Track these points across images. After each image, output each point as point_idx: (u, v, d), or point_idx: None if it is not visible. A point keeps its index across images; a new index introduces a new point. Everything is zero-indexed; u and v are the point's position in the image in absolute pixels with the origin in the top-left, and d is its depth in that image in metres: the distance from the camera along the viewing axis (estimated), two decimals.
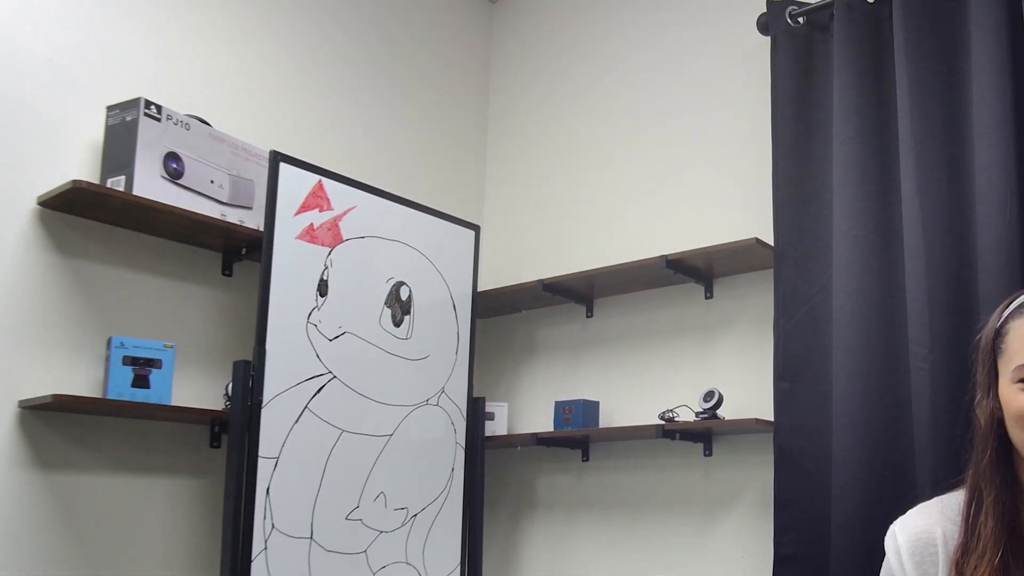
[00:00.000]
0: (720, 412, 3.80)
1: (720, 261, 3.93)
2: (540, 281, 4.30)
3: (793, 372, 3.55)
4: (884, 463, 3.24)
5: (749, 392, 3.87)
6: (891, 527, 2.15)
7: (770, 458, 3.57)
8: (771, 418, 3.59)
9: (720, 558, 3.91)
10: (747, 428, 3.74)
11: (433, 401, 4.01)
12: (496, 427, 4.45)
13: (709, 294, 4.11)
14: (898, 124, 3.36)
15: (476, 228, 4.34)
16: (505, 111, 5.23)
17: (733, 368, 3.99)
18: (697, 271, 4.04)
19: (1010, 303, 2.08)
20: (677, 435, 3.89)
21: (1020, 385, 1.93)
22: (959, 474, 2.16)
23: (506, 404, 4.55)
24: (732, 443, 3.97)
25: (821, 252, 3.57)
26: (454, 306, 4.17)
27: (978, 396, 2.08)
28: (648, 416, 4.08)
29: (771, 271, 3.69)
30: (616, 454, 4.33)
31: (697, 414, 3.83)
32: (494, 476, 4.65)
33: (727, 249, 3.78)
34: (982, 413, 2.04)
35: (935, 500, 2.17)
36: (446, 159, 4.97)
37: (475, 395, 4.24)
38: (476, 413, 4.22)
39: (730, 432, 3.92)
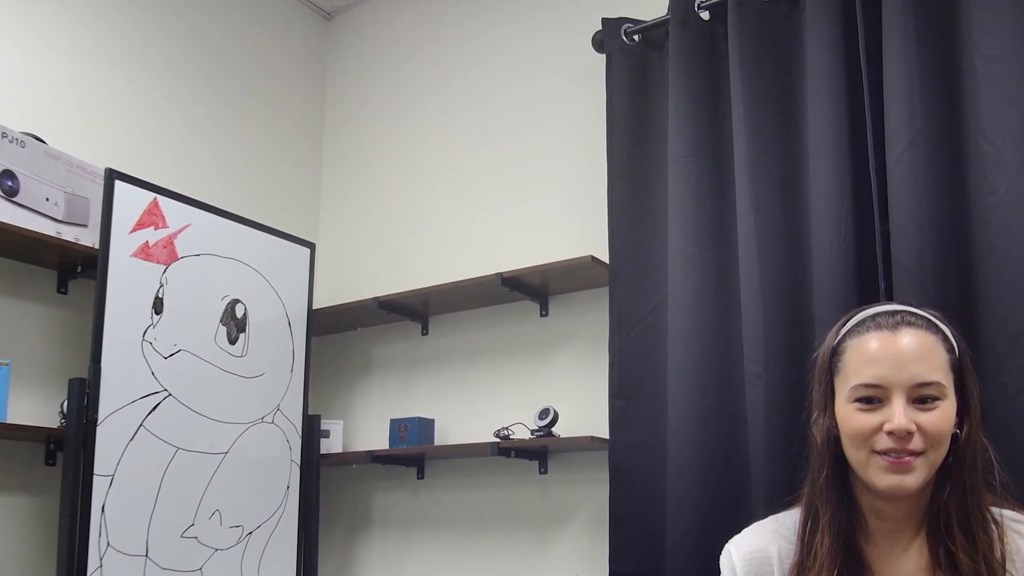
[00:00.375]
0: (555, 430, 3.80)
1: (555, 279, 3.96)
2: (376, 299, 4.31)
3: (628, 390, 3.56)
4: (720, 480, 3.25)
5: (585, 410, 3.89)
6: (726, 545, 2.16)
7: (606, 476, 3.57)
8: (607, 435, 3.59)
9: None
10: (582, 446, 3.74)
11: (268, 419, 4.00)
12: (331, 445, 4.44)
13: (545, 312, 4.14)
14: (733, 142, 3.38)
15: (311, 246, 4.34)
16: (340, 128, 5.21)
17: (569, 386, 4.01)
18: (532, 289, 4.06)
19: (847, 321, 2.09)
20: (512, 453, 3.89)
21: (857, 405, 1.94)
22: (795, 491, 2.17)
23: (341, 422, 4.55)
24: (567, 461, 3.99)
25: (656, 270, 3.58)
26: (289, 324, 4.18)
27: (814, 414, 2.09)
28: (483, 434, 4.12)
29: (606, 289, 3.70)
30: (451, 472, 4.35)
31: (532, 432, 3.83)
32: (329, 494, 4.65)
33: (562, 267, 3.81)
34: (818, 432, 2.05)
35: (771, 519, 2.18)
36: (281, 176, 4.95)
37: (310, 413, 4.23)
38: (311, 431, 4.20)
39: (565, 450, 3.93)
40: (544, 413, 3.81)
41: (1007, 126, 2.81)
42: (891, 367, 1.90)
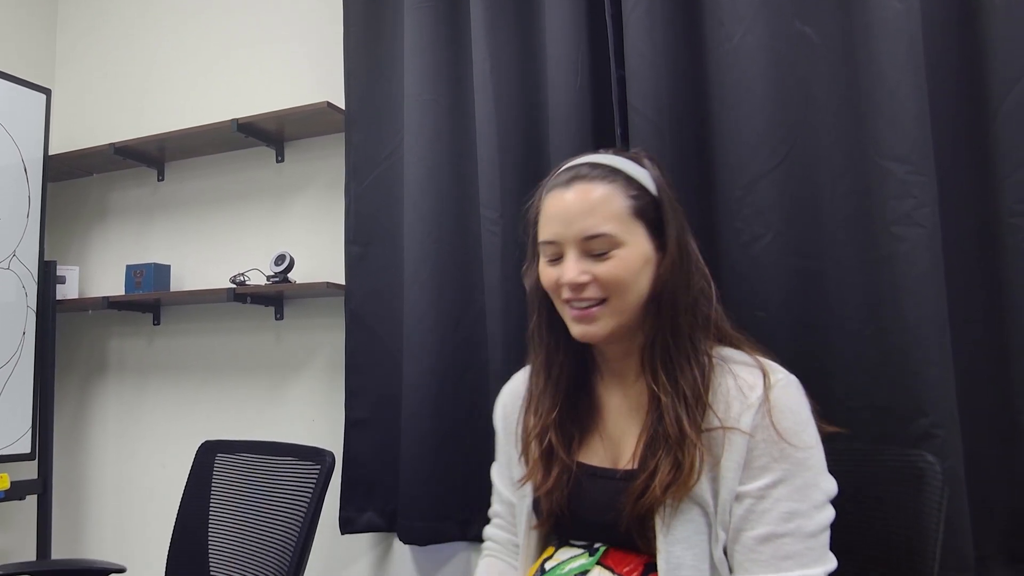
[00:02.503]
0: (291, 276, 3.81)
1: (291, 124, 3.92)
2: (112, 144, 4.23)
3: (365, 236, 3.55)
4: (457, 326, 3.28)
5: (321, 256, 3.91)
6: None
7: (342, 322, 3.57)
8: (343, 282, 3.58)
9: (293, 422, 3.96)
10: (319, 292, 3.76)
11: (4, 264, 3.96)
12: (67, 290, 4.38)
13: (281, 158, 4.12)
14: None
15: (47, 91, 4.21)
16: None
17: (305, 232, 4.01)
18: (268, 134, 4.02)
19: (550, 177, 2.08)
20: (248, 299, 3.91)
21: (546, 260, 2.00)
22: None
23: (77, 268, 4.47)
24: (304, 307, 4.00)
25: (392, 116, 3.54)
26: (25, 169, 4.10)
27: (525, 264, 2.14)
28: (219, 280, 4.13)
29: (343, 135, 3.66)
30: (187, 318, 4.33)
31: (268, 278, 3.82)
32: (66, 340, 4.60)
33: (298, 112, 3.76)
34: (528, 280, 2.11)
35: None
36: (15, 21, 4.75)
37: (46, 258, 4.19)
38: (47, 276, 4.18)
39: (301, 296, 3.93)
40: (280, 259, 3.79)
41: None
42: (561, 223, 1.96)
